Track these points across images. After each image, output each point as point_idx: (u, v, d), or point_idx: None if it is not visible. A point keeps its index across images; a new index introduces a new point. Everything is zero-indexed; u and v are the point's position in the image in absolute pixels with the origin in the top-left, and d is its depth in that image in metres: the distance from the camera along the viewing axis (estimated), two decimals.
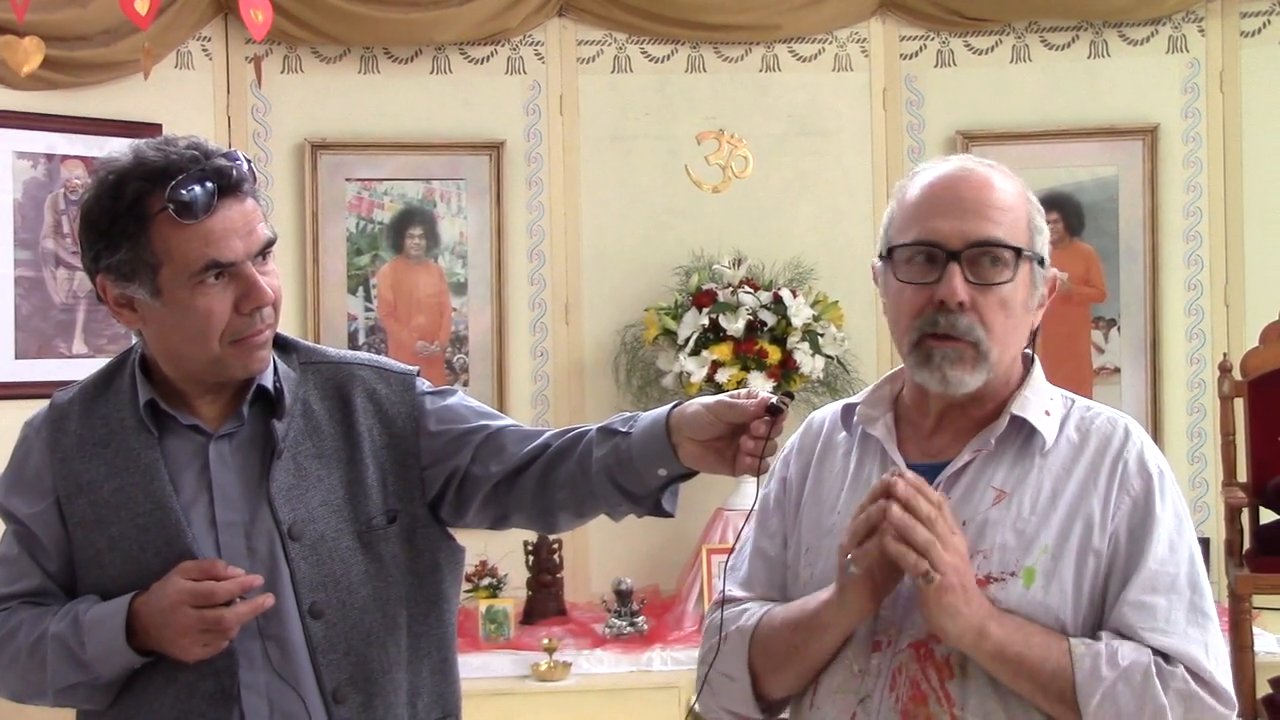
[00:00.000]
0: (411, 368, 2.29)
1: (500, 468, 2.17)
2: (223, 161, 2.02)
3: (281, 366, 2.19)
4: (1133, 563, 1.94)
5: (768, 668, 2.05)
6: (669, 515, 2.11)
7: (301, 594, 2.10)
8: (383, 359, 2.32)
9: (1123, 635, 1.91)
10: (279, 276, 2.12)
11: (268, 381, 2.16)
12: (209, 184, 2.00)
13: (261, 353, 2.11)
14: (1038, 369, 2.08)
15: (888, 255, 2.02)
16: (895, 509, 1.87)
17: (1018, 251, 1.97)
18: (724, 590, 2.14)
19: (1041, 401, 2.04)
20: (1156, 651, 1.89)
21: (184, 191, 1.98)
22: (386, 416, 2.21)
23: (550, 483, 2.14)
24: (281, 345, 2.21)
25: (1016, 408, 2.01)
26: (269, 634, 2.09)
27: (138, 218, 2.01)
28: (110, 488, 2.11)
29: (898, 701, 1.95)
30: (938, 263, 1.96)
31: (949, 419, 2.05)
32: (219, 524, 2.10)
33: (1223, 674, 1.93)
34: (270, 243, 2.09)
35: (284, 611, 2.09)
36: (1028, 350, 2.10)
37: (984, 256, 1.96)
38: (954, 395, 1.99)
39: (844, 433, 2.13)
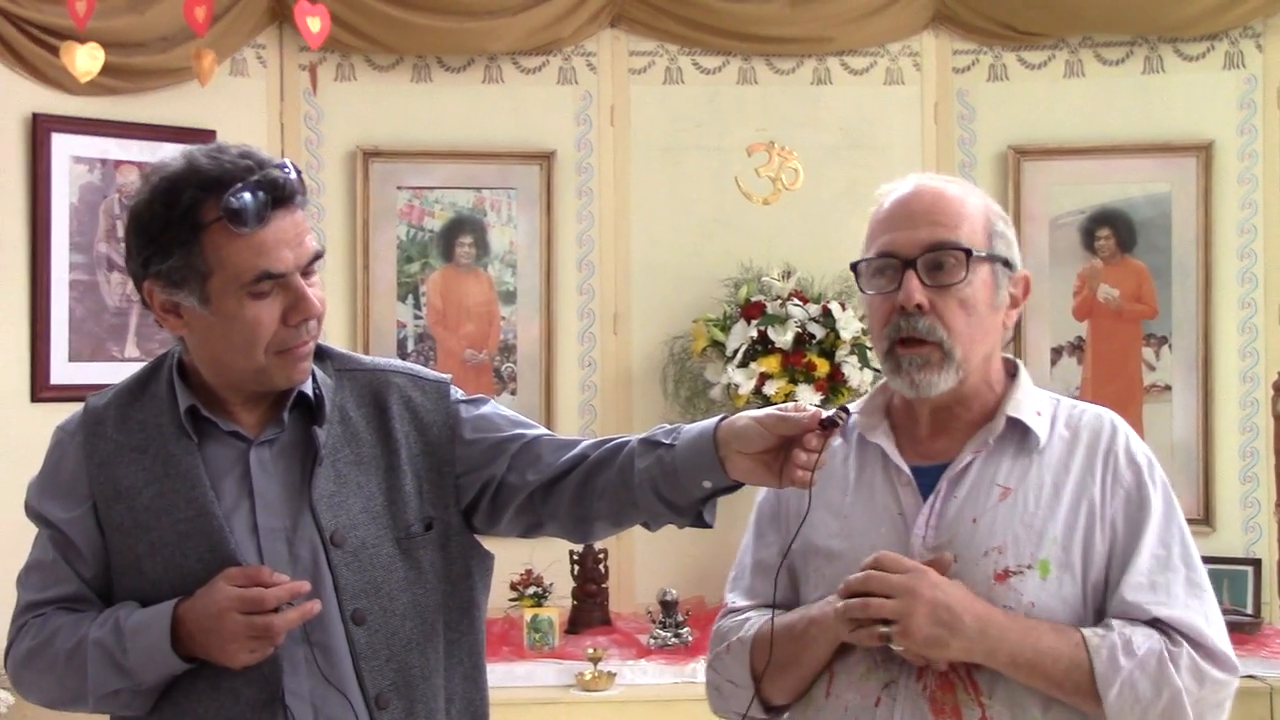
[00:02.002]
0: (445, 375, 2.30)
1: (537, 477, 2.18)
2: (276, 172, 2.03)
3: (319, 374, 2.19)
4: (1131, 547, 2.06)
5: (768, 674, 2.14)
6: (708, 526, 2.12)
7: (344, 600, 2.11)
8: (416, 366, 2.32)
9: (1128, 614, 2.02)
10: (323, 288, 2.13)
11: (308, 388, 2.17)
12: (262, 194, 2.00)
13: (304, 364, 2.12)
14: (1023, 372, 2.20)
15: (855, 273, 2.17)
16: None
17: (967, 252, 2.10)
18: (729, 601, 2.29)
19: (1032, 403, 2.16)
20: (1162, 621, 2.01)
21: (238, 201, 1.99)
22: (422, 424, 2.22)
23: (588, 492, 2.14)
24: (317, 353, 2.20)
25: (1011, 409, 2.13)
26: (314, 640, 2.10)
27: (192, 225, 2.01)
28: (150, 493, 2.12)
29: (925, 688, 2.05)
30: (896, 273, 2.10)
31: (941, 422, 2.17)
32: (260, 530, 2.11)
33: (1223, 640, 2.05)
34: (318, 255, 2.10)
35: (327, 618, 2.10)
36: (1008, 356, 2.23)
37: (937, 260, 2.09)
38: (927, 397, 2.11)
39: (839, 440, 2.20)
